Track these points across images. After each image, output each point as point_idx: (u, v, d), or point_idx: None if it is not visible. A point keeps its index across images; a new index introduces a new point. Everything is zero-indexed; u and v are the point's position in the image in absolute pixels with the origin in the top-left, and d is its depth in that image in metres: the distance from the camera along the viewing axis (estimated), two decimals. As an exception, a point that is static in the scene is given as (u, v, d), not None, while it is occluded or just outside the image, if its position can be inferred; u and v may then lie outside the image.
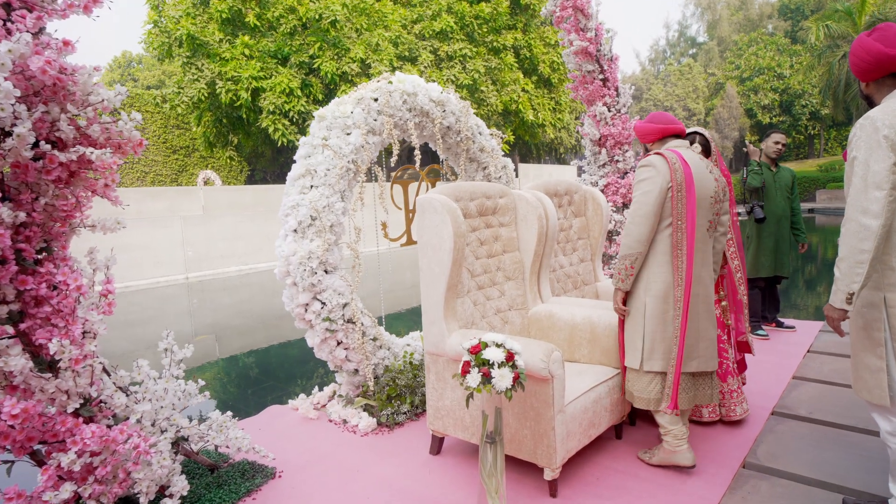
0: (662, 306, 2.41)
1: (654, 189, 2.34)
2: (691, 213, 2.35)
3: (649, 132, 2.55)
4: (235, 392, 5.55)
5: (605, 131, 5.19)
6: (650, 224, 2.35)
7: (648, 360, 2.44)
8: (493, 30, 18.28)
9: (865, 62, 1.90)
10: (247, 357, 6.79)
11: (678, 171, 2.34)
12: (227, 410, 2.66)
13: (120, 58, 42.35)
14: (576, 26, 4.87)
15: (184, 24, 13.82)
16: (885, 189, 1.76)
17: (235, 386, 5.75)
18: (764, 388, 3.40)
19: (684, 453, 2.45)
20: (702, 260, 2.45)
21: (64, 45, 1.83)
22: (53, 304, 1.91)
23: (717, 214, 2.49)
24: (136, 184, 21.70)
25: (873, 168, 1.78)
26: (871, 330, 1.92)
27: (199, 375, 5.98)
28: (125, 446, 1.97)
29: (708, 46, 39.61)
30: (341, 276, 3.16)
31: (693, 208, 2.35)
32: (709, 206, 2.43)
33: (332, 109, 3.26)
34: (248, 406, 4.96)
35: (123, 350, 7.19)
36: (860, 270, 1.80)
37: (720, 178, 2.50)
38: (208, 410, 4.46)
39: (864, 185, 1.79)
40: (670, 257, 2.39)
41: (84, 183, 2.05)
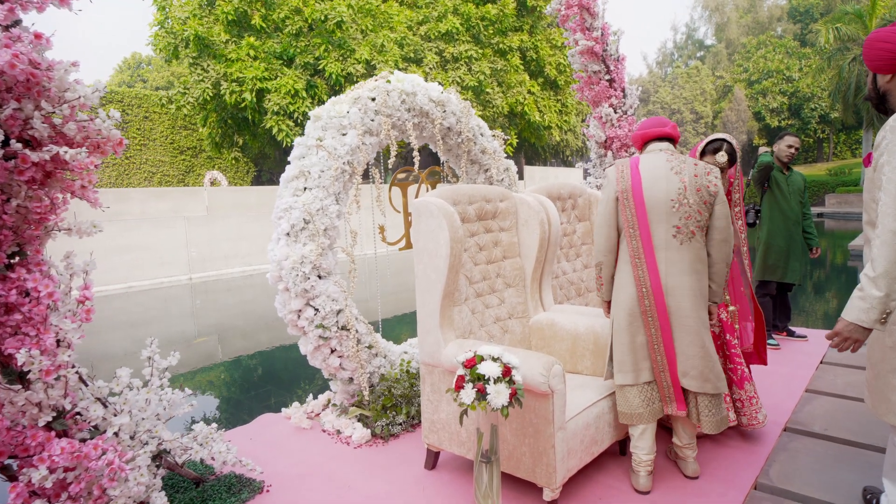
0: (627, 318, 2.35)
1: (605, 199, 2.40)
2: (642, 220, 2.29)
3: (635, 139, 2.50)
4: (232, 397, 5.45)
5: (611, 133, 5.06)
6: (605, 233, 2.40)
7: (618, 372, 2.39)
8: (499, 31, 18.15)
9: (888, 51, 1.76)
10: (246, 360, 6.70)
11: (624, 179, 2.33)
12: (221, 416, 2.56)
13: (130, 59, 42.53)
14: (581, 25, 4.75)
15: (190, 25, 13.79)
16: None
17: (233, 390, 5.66)
18: (776, 402, 3.26)
19: (638, 478, 2.39)
20: (675, 270, 2.28)
21: (35, 38, 1.73)
22: (24, 311, 1.81)
23: (687, 218, 2.25)
24: (143, 184, 21.75)
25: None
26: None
27: (196, 379, 5.92)
28: (99, 462, 1.87)
29: (716, 49, 39.31)
30: (335, 281, 3.05)
31: (643, 214, 2.29)
32: (668, 210, 2.26)
33: (327, 109, 3.16)
34: (243, 412, 4.86)
35: (125, 350, 7.11)
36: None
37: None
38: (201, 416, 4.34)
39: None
40: (630, 267, 2.34)
41: (60, 184, 1.95)
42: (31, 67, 1.77)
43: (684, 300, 2.28)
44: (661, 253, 2.29)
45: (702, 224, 2.27)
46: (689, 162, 2.30)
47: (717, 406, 2.33)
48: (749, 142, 34.51)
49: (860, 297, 1.69)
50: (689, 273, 2.28)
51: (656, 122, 2.42)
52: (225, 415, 4.90)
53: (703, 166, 2.29)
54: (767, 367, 3.90)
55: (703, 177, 2.26)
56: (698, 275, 2.29)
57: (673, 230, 2.27)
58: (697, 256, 2.29)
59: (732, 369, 2.76)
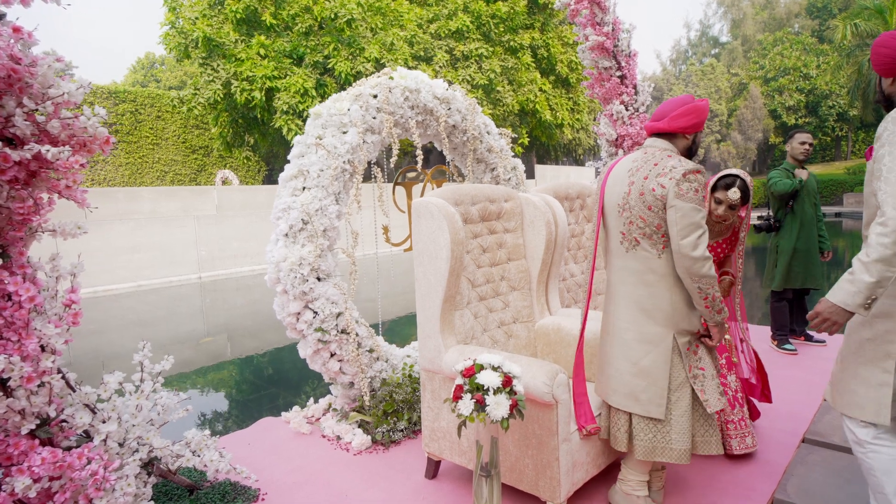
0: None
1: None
2: (598, 225, 2.21)
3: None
4: (235, 399, 5.40)
5: (623, 131, 4.93)
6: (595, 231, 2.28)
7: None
8: (509, 29, 17.98)
9: (887, 56, 1.76)
10: (252, 361, 6.66)
11: (600, 181, 2.22)
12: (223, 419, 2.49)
13: (143, 59, 42.93)
14: (591, 20, 4.62)
15: (199, 27, 13.81)
16: None
17: (236, 392, 5.61)
18: (793, 411, 3.12)
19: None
20: (617, 279, 2.13)
21: (14, 31, 1.66)
22: (6, 316, 1.75)
23: (629, 224, 2.03)
24: (155, 183, 21.90)
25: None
26: (881, 342, 1.77)
27: (201, 380, 5.88)
28: (83, 473, 1.80)
29: (731, 46, 38.72)
30: (335, 283, 2.97)
31: (599, 219, 2.19)
32: (616, 215, 2.09)
33: (328, 106, 3.08)
34: (245, 414, 4.81)
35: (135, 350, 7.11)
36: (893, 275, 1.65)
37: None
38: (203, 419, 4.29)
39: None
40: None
41: (45, 184, 1.89)
42: (11, 63, 1.70)
43: (622, 311, 2.10)
44: (614, 259, 2.15)
45: (648, 232, 1.99)
46: (653, 162, 2.00)
47: (656, 432, 2.05)
48: (765, 140, 33.97)
49: (849, 281, 1.69)
50: (632, 284, 2.07)
51: (658, 111, 2.12)
52: (227, 417, 4.85)
53: (663, 167, 1.95)
54: (785, 374, 3.76)
55: (653, 179, 1.96)
56: (649, 287, 2.03)
57: (619, 236, 2.10)
58: (648, 267, 2.03)
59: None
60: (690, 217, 1.89)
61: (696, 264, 1.90)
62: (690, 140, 2.13)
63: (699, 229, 1.90)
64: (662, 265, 2.01)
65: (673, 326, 2.03)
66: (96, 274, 11.29)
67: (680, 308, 2.02)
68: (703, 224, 1.91)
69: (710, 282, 1.92)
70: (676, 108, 2.06)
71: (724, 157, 33.52)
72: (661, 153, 2.03)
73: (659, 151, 2.05)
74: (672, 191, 1.91)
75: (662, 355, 2.03)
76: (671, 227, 1.92)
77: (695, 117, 2.05)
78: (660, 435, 2.04)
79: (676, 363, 2.03)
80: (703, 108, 2.07)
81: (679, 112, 2.05)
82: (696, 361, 2.06)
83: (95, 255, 11.32)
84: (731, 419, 2.59)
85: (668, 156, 2.01)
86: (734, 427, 2.58)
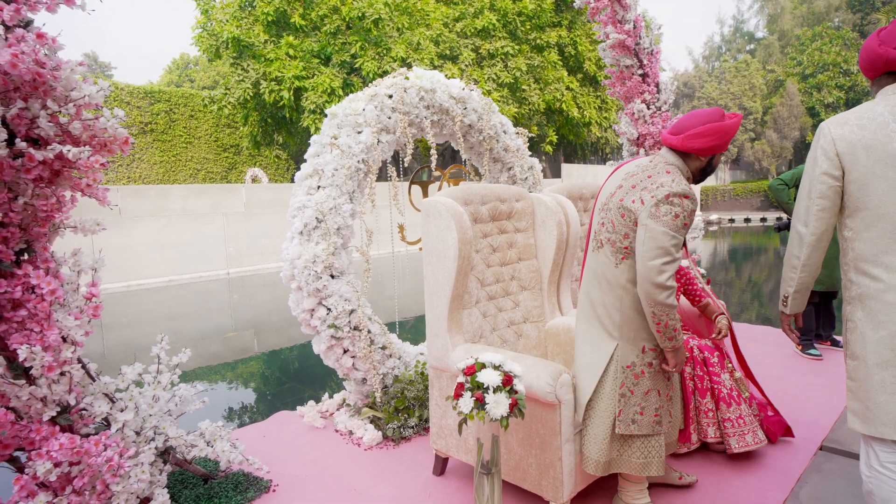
0: None
1: None
2: (591, 216, 2.18)
3: None
4: (256, 392, 5.53)
5: (644, 130, 4.86)
6: None
7: None
8: (536, 27, 17.86)
9: (861, 58, 1.76)
10: (274, 356, 6.80)
11: (607, 175, 2.20)
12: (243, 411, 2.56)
13: (178, 60, 44.07)
14: (612, 18, 4.57)
15: (229, 28, 14.12)
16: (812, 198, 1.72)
17: (258, 385, 5.74)
18: (813, 419, 3.04)
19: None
20: (585, 277, 2.12)
21: (38, 37, 1.74)
22: (29, 308, 1.84)
23: (601, 225, 2.00)
24: (188, 180, 22.48)
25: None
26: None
27: (226, 373, 6.04)
28: (99, 459, 1.88)
29: (767, 41, 37.61)
30: (348, 281, 3.02)
31: (592, 211, 2.16)
32: (598, 212, 2.06)
33: (344, 106, 3.13)
34: (265, 407, 4.92)
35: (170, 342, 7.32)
36: (793, 275, 1.83)
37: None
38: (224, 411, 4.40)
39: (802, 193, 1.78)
40: None
41: (68, 182, 1.98)
42: (36, 67, 1.79)
43: (581, 306, 2.12)
44: (588, 254, 2.14)
45: (614, 238, 1.94)
46: (648, 173, 1.90)
47: (598, 443, 2.00)
48: (802, 139, 32.92)
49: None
50: (592, 283, 2.05)
51: (679, 124, 1.95)
52: (248, 409, 4.97)
53: (653, 181, 1.85)
54: (807, 381, 3.66)
55: (639, 191, 1.86)
56: (602, 292, 2.00)
57: (593, 234, 2.07)
58: (604, 273, 1.99)
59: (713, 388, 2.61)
60: (659, 241, 1.78)
61: (655, 290, 1.80)
62: (705, 162, 1.96)
63: (667, 255, 1.78)
64: (617, 275, 1.95)
65: (620, 336, 1.97)
66: (129, 269, 11.67)
67: (630, 320, 1.96)
68: (672, 251, 1.78)
69: (666, 310, 1.82)
70: (696, 126, 1.89)
71: (758, 157, 32.64)
72: (663, 167, 1.91)
73: (662, 164, 1.93)
74: (647, 210, 1.81)
75: (598, 361, 2.00)
76: (638, 246, 1.84)
77: (714, 139, 1.87)
78: (583, 440, 2.08)
79: (609, 373, 1.98)
80: (726, 128, 1.87)
81: (697, 131, 1.87)
82: (632, 381, 1.97)
83: (129, 250, 11.71)
84: (727, 417, 2.55)
85: (667, 171, 1.88)
86: (731, 425, 2.54)
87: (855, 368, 1.70)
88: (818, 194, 1.69)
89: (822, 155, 1.68)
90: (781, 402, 3.23)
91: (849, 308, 1.74)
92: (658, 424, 1.99)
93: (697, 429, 2.62)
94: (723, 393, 2.58)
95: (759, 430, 2.59)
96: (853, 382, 1.71)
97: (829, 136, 1.67)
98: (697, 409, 2.63)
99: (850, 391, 1.73)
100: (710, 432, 2.60)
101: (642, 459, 2.01)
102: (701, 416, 2.62)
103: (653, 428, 1.98)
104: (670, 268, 1.79)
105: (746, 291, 9.98)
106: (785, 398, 3.33)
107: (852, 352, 1.71)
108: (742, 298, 9.25)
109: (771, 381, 3.65)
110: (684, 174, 1.94)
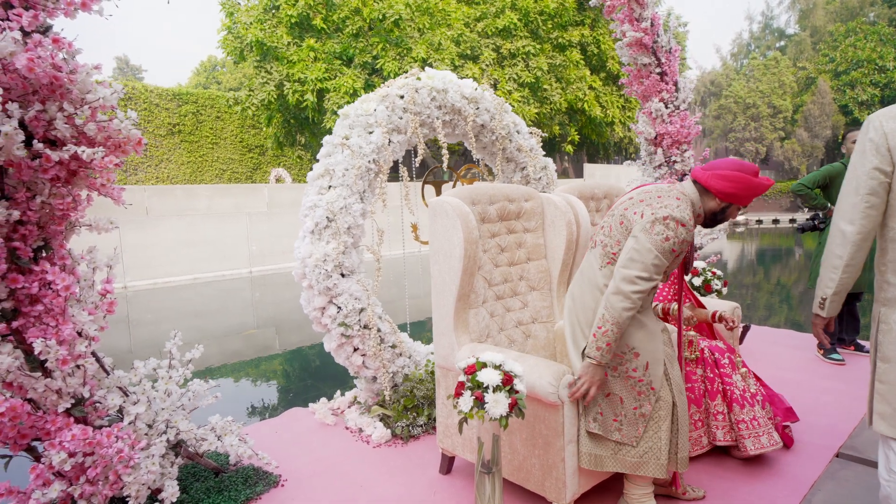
0: None
1: None
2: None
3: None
4: (275, 388, 5.62)
5: (662, 129, 4.80)
6: None
7: None
8: (558, 26, 17.74)
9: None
10: (293, 353, 6.89)
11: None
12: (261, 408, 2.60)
13: (206, 62, 44.97)
14: (629, 16, 4.52)
15: (252, 31, 14.36)
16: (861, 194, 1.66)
17: (276, 381, 5.83)
18: (831, 423, 2.96)
19: None
20: (575, 278, 2.19)
21: (53, 42, 1.80)
22: (45, 303, 1.91)
23: (601, 228, 2.08)
24: (214, 180, 22.94)
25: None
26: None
27: (245, 370, 6.15)
28: (110, 450, 1.94)
29: (798, 38, 36.60)
30: (358, 280, 3.05)
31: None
32: (601, 222, 2.12)
33: (355, 107, 3.16)
34: (280, 403, 4.99)
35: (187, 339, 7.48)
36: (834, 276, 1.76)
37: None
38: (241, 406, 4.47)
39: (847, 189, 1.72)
40: None
41: (85, 182, 2.04)
42: (53, 70, 1.86)
43: (566, 306, 2.18)
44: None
45: (606, 241, 2.00)
46: (658, 194, 1.93)
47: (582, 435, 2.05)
48: (833, 137, 31.98)
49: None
50: (576, 281, 2.14)
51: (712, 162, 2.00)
52: (264, 405, 5.05)
53: (660, 202, 1.88)
54: (827, 385, 3.57)
55: (643, 205, 1.91)
56: (582, 289, 2.07)
57: (593, 233, 2.12)
58: (588, 272, 2.07)
59: (725, 390, 2.56)
60: (642, 255, 1.82)
61: (617, 297, 1.84)
62: (719, 207, 1.97)
63: (644, 272, 1.82)
64: (598, 277, 2.01)
65: (588, 336, 2.00)
66: (156, 266, 11.96)
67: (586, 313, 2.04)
68: (651, 270, 1.82)
69: (615, 318, 1.84)
70: (727, 169, 1.92)
71: (787, 156, 31.82)
72: (676, 193, 1.94)
73: (677, 191, 1.96)
74: (643, 224, 1.86)
75: (575, 359, 2.08)
76: (623, 252, 1.89)
77: (736, 187, 1.89)
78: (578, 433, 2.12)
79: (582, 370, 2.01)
80: (753, 184, 1.89)
81: (724, 173, 1.91)
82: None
83: (155, 248, 12.00)
84: (741, 419, 2.50)
85: (678, 198, 1.91)
86: (746, 427, 2.49)
87: (886, 371, 1.66)
88: (867, 190, 1.63)
89: (873, 149, 1.62)
90: (798, 407, 3.15)
91: (883, 310, 1.69)
92: (618, 432, 1.99)
93: (707, 432, 2.58)
94: (735, 394, 2.54)
95: (774, 432, 2.54)
96: (883, 385, 1.67)
97: (881, 129, 1.61)
98: (707, 412, 2.59)
99: (879, 394, 1.69)
100: (719, 435, 2.55)
101: (636, 458, 1.99)
102: (711, 419, 2.57)
103: (611, 433, 2.00)
104: (643, 284, 1.82)
105: (771, 294, 9.76)
106: (803, 403, 3.25)
107: (884, 354, 1.67)
108: (766, 301, 9.05)
109: (790, 385, 3.56)
110: (695, 209, 1.97)
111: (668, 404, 1.99)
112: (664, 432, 1.98)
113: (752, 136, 31.86)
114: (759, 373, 3.78)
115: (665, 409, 1.98)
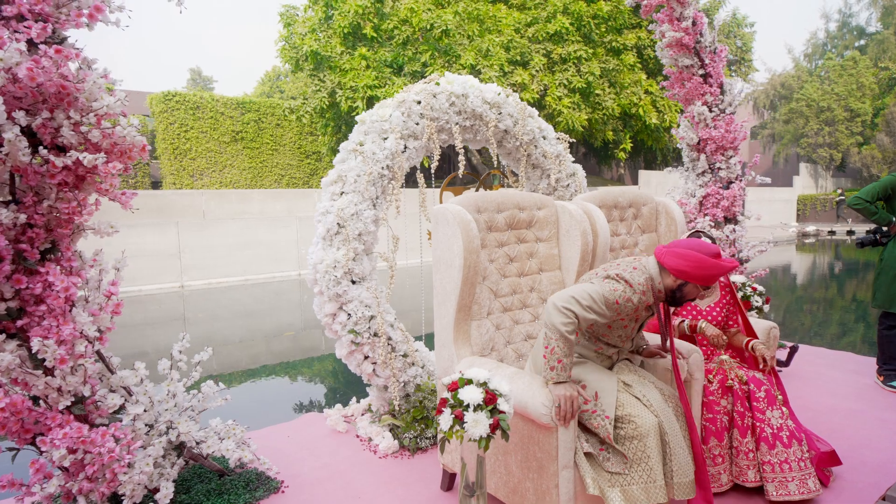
0: None
1: None
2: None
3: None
4: (299, 391, 5.69)
5: (705, 134, 4.53)
6: None
7: None
8: (612, 29, 17.26)
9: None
10: (327, 357, 6.98)
11: None
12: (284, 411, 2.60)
13: (270, 72, 46.91)
14: (669, 16, 4.30)
15: (307, 41, 14.80)
16: None
17: (306, 383, 5.91)
18: (881, 462, 2.66)
19: None
20: None
21: (56, 53, 1.87)
22: (49, 303, 1.98)
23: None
24: (273, 185, 23.82)
25: None
26: None
27: (280, 373, 6.27)
28: (102, 449, 1.98)
29: (881, 36, 33.99)
30: (369, 287, 3.01)
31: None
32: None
33: (371, 113, 3.14)
34: (303, 406, 5.04)
35: (241, 338, 7.71)
36: None
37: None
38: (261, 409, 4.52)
39: None
40: None
41: (93, 187, 2.11)
42: (60, 80, 1.93)
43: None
44: None
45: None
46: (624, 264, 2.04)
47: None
48: (920, 143, 29.44)
49: None
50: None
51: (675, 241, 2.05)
52: (283, 411, 5.11)
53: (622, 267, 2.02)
54: (884, 416, 3.22)
55: (606, 268, 2.07)
56: (540, 332, 2.16)
57: None
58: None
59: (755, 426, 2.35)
60: (586, 288, 1.93)
61: (553, 311, 1.89)
62: (675, 285, 1.98)
63: (581, 298, 1.89)
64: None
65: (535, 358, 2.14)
66: (212, 267, 12.50)
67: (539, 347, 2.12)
68: (587, 299, 1.89)
69: (556, 331, 1.87)
70: (682, 247, 1.96)
71: (866, 162, 29.60)
72: (636, 263, 2.03)
73: (638, 263, 2.03)
74: (601, 275, 2.01)
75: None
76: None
77: (688, 265, 1.92)
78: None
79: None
80: (705, 264, 1.89)
81: (678, 251, 1.96)
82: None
83: (213, 250, 12.54)
84: (767, 460, 2.26)
85: (634, 267, 2.00)
86: (771, 469, 2.25)
87: None
88: None
89: None
90: (849, 440, 2.85)
91: None
92: (608, 461, 1.95)
93: (730, 469, 2.35)
94: (765, 433, 2.30)
95: (809, 479, 2.27)
96: None
97: None
98: (733, 448, 2.36)
99: None
100: (749, 475, 2.32)
101: (640, 492, 1.85)
102: (739, 457, 2.34)
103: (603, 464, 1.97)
104: (577, 308, 1.88)
105: (831, 311, 9.03)
106: (853, 435, 2.94)
107: None
108: (823, 319, 8.37)
109: (842, 414, 3.24)
110: (655, 284, 1.99)
111: (648, 423, 1.93)
112: (652, 450, 1.90)
113: (826, 142, 29.85)
114: (809, 399, 3.47)
115: (645, 428, 1.92)
